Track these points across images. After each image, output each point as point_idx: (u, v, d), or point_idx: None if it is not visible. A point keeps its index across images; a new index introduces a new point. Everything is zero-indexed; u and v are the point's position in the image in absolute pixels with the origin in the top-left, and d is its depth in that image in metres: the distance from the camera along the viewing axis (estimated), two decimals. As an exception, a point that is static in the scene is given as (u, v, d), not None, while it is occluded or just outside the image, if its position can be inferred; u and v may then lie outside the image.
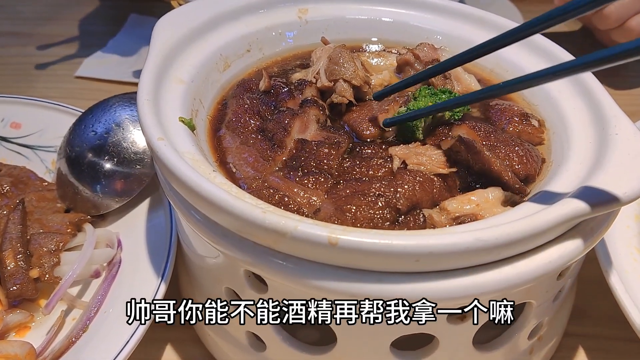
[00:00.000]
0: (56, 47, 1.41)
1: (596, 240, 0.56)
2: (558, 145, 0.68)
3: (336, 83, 0.74)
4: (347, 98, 0.73)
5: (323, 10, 0.88)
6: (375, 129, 0.70)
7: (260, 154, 0.66)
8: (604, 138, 0.63)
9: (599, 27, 1.23)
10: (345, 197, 0.59)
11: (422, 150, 0.64)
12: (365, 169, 0.63)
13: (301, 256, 0.51)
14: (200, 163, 0.59)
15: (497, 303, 0.55)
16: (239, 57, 0.82)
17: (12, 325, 0.71)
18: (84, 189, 0.84)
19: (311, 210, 0.59)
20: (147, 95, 0.64)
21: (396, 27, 0.89)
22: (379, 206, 0.57)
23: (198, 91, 0.73)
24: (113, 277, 0.75)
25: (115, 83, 1.27)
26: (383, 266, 0.50)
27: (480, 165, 0.63)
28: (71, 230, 0.80)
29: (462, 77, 0.79)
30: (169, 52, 0.72)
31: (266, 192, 0.60)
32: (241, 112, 0.72)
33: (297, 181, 0.61)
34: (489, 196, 0.60)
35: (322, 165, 0.63)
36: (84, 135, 0.85)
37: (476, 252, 0.49)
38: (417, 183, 0.59)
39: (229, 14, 0.82)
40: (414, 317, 0.52)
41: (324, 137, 0.67)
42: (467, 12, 0.87)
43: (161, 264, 0.72)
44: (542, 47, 0.79)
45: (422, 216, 0.58)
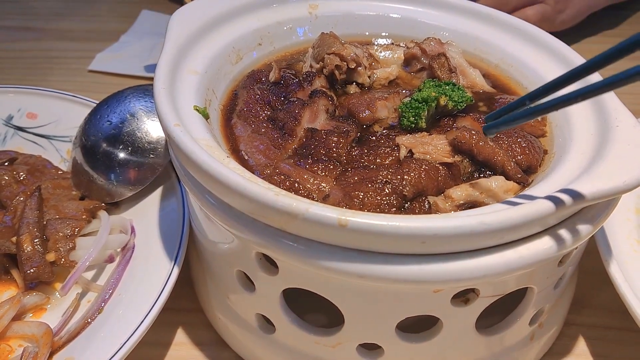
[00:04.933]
0: (69, 42, 1.44)
1: (597, 227, 0.58)
2: (560, 137, 0.70)
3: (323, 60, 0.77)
4: (334, 65, 0.76)
5: (333, 5, 0.91)
6: (371, 112, 0.72)
7: (272, 142, 0.68)
8: (605, 130, 0.65)
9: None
10: (353, 183, 0.61)
11: (428, 139, 0.66)
12: (373, 157, 0.65)
13: (311, 237, 0.53)
14: (214, 149, 0.61)
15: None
16: (251, 50, 0.84)
17: (29, 306, 0.74)
18: (98, 177, 0.86)
19: (321, 196, 0.61)
20: (163, 84, 0.66)
21: (404, 23, 0.91)
22: (385, 192, 0.59)
23: (211, 82, 0.75)
24: (127, 261, 0.77)
25: (127, 77, 1.30)
26: (390, 248, 0.52)
27: (483, 155, 0.65)
28: (86, 217, 0.83)
29: (467, 71, 0.81)
30: (184, 44, 0.75)
31: (277, 179, 0.62)
32: (252, 102, 0.74)
33: (307, 168, 0.64)
34: (492, 185, 0.62)
35: (332, 153, 0.65)
36: (99, 125, 0.87)
37: (480, 235, 0.51)
38: (423, 171, 0.61)
39: (242, 8, 0.85)
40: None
41: (333, 127, 0.70)
42: (474, 10, 0.89)
43: (174, 250, 0.75)
44: (544, 41, 0.81)
45: (428, 203, 0.60)
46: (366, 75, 0.80)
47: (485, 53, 0.86)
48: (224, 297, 0.71)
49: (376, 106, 0.73)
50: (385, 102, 0.74)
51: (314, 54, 0.81)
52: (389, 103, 0.74)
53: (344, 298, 0.59)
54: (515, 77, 0.82)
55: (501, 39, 0.85)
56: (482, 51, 0.86)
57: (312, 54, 0.81)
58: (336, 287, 0.58)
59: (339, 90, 0.79)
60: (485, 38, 0.87)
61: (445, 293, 0.57)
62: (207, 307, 0.77)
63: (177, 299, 0.74)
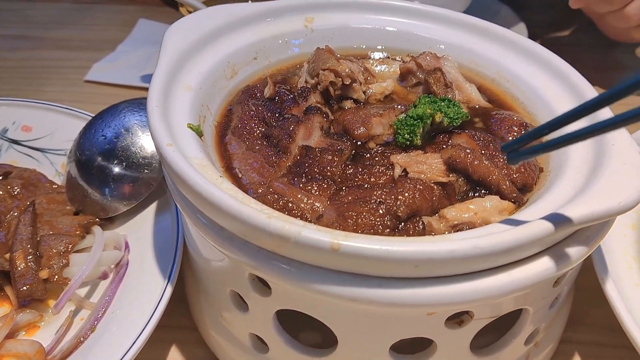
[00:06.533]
0: (66, 51, 1.44)
1: (592, 248, 0.58)
2: (556, 154, 0.69)
3: (318, 76, 0.77)
4: (328, 81, 0.76)
5: (329, 19, 0.90)
6: (366, 129, 0.72)
7: (266, 160, 0.68)
8: (601, 148, 0.64)
9: (619, 26, 1.23)
10: (347, 203, 0.61)
11: (423, 158, 0.66)
12: (367, 176, 0.65)
13: (304, 261, 0.53)
14: (207, 169, 0.61)
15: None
16: (246, 64, 0.84)
17: (22, 324, 0.73)
18: (93, 192, 0.86)
19: (314, 215, 0.60)
20: (156, 102, 0.66)
21: (400, 36, 0.91)
22: (379, 213, 0.59)
23: (205, 98, 0.75)
24: (120, 278, 0.77)
25: (124, 87, 1.29)
26: (383, 271, 0.52)
27: (479, 174, 0.64)
28: (80, 233, 0.82)
29: (463, 86, 0.81)
30: (178, 59, 0.74)
31: (271, 198, 0.62)
32: (247, 118, 0.74)
33: (301, 187, 0.63)
34: (487, 205, 0.61)
35: (326, 171, 0.65)
36: (94, 140, 0.87)
37: (474, 259, 0.51)
38: (417, 191, 0.61)
39: (237, 22, 0.84)
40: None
41: (328, 144, 0.69)
42: (470, 23, 0.89)
43: (167, 267, 0.74)
44: (542, 57, 0.81)
45: (422, 223, 0.60)
46: (361, 91, 0.79)
47: (482, 67, 0.86)
48: (217, 315, 0.71)
49: (371, 123, 0.73)
50: (380, 119, 0.73)
51: (309, 69, 0.81)
52: (384, 119, 0.74)
53: (338, 320, 0.58)
54: (511, 91, 0.82)
55: (497, 53, 0.85)
56: (478, 65, 0.86)
57: (307, 69, 0.81)
58: (330, 309, 0.58)
59: (334, 106, 0.79)
60: (481, 51, 0.86)
61: (439, 315, 0.56)
62: (201, 325, 0.76)
63: (171, 316, 0.74)
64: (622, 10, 1.16)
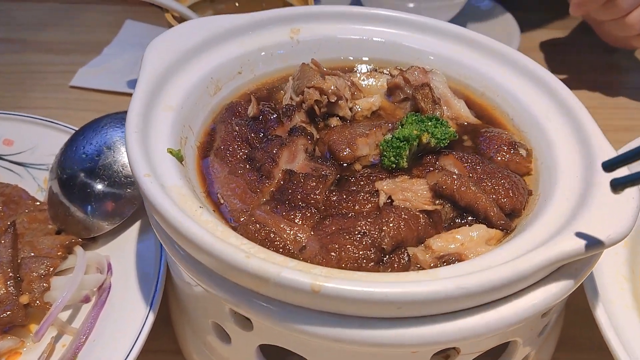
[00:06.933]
0: (52, 55, 1.40)
1: (580, 280, 0.56)
2: (546, 177, 0.68)
3: (303, 94, 0.75)
4: (313, 100, 0.74)
5: (315, 30, 0.88)
6: (351, 150, 0.70)
7: (248, 185, 0.66)
8: (590, 173, 0.63)
9: (619, 34, 1.21)
10: (330, 234, 0.59)
11: (409, 185, 0.64)
12: (351, 204, 0.63)
13: (285, 300, 0.51)
14: (186, 198, 0.59)
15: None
16: (230, 79, 0.81)
17: (3, 351, 0.72)
18: (75, 210, 0.84)
19: (297, 247, 0.59)
20: (134, 127, 0.64)
21: (388, 47, 0.88)
22: (363, 246, 0.57)
23: (187, 117, 0.73)
24: (103, 303, 0.75)
25: (110, 93, 1.27)
26: (366, 312, 0.50)
27: (466, 201, 0.63)
28: (62, 253, 0.80)
29: (452, 102, 0.79)
30: (159, 77, 0.72)
31: (253, 228, 0.60)
32: (230, 139, 0.72)
33: (283, 215, 0.61)
34: (474, 235, 0.60)
35: (309, 199, 0.63)
36: (75, 157, 0.85)
37: (458, 299, 0.50)
38: (403, 221, 0.59)
39: (221, 35, 0.82)
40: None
41: (312, 168, 0.67)
42: (460, 34, 0.86)
43: (150, 293, 0.73)
44: (530, 70, 0.79)
45: (407, 255, 0.58)
46: (347, 108, 0.77)
47: (471, 80, 0.84)
48: (201, 343, 0.69)
49: (357, 144, 0.71)
50: (366, 139, 0.71)
51: (294, 86, 0.78)
52: (370, 139, 0.72)
53: (321, 357, 0.57)
54: (501, 106, 0.80)
55: (487, 66, 0.83)
56: (467, 77, 0.84)
57: (292, 85, 0.79)
58: (313, 346, 0.56)
59: (320, 123, 0.77)
60: (471, 64, 0.84)
61: (424, 353, 0.55)
62: (185, 350, 0.75)
63: (155, 339, 0.73)
64: (623, 18, 1.14)
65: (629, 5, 1.12)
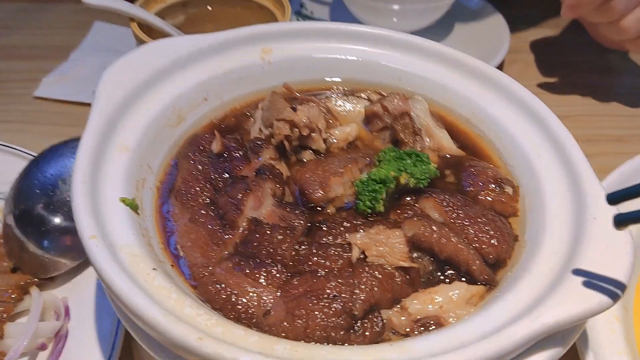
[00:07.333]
0: (14, 61, 1.32)
1: (569, 345, 0.52)
2: (533, 220, 0.63)
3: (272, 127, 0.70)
4: (283, 134, 0.69)
5: (288, 49, 0.82)
6: (324, 192, 0.65)
7: (210, 237, 0.61)
8: (580, 221, 0.58)
9: (613, 38, 1.16)
10: (298, 297, 0.54)
11: (384, 237, 0.59)
12: (322, 259, 0.58)
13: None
14: (138, 259, 0.54)
15: None
16: (195, 107, 0.75)
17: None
18: (31, 245, 0.78)
19: (261, 312, 0.54)
20: (82, 177, 0.58)
21: (365, 66, 0.82)
22: (332, 312, 0.52)
23: (146, 156, 0.67)
24: (59, 353, 0.70)
25: (76, 104, 1.20)
26: (332, 399, 0.46)
27: (446, 254, 0.58)
28: (17, 295, 0.75)
29: (434, 132, 0.74)
30: (113, 113, 0.66)
31: (213, 289, 0.55)
32: (191, 180, 0.66)
33: (247, 274, 0.56)
34: (453, 296, 0.55)
35: (276, 254, 0.58)
36: (30, 191, 0.78)
37: (434, 384, 0.45)
38: (376, 280, 0.54)
39: (184, 59, 0.75)
40: None
41: (280, 216, 0.62)
42: (443, 53, 0.80)
43: (108, 343, 0.68)
44: (519, 97, 0.73)
45: (381, 320, 0.53)
46: (321, 141, 0.72)
47: (456, 105, 0.78)
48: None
49: (330, 185, 0.65)
50: (340, 179, 0.66)
51: (262, 117, 0.72)
52: (345, 178, 0.67)
53: None
54: (487, 135, 0.75)
55: (473, 90, 0.77)
56: (452, 102, 0.79)
57: (262, 116, 0.73)
58: None
59: (292, 157, 0.72)
60: (457, 88, 0.79)
61: None
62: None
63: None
64: (617, 22, 1.08)
65: (624, 9, 1.07)
